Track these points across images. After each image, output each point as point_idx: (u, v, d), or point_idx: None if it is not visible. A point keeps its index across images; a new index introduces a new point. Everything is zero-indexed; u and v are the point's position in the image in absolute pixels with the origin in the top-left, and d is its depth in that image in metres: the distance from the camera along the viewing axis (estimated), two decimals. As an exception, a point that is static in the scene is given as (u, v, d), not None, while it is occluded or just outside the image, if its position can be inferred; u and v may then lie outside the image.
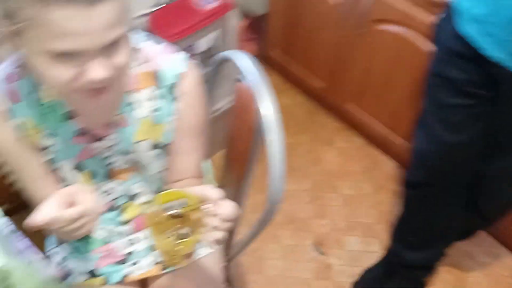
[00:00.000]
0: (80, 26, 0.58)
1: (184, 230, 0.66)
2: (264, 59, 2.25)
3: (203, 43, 1.67)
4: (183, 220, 0.66)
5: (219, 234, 0.67)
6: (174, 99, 0.83)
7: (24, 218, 0.79)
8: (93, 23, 0.58)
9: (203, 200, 0.66)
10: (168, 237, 0.65)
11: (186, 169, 0.93)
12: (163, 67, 0.81)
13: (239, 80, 0.88)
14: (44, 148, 0.81)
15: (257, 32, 2.21)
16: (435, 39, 1.11)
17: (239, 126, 0.91)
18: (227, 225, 0.67)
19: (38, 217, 0.64)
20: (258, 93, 0.80)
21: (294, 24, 1.90)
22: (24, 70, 0.75)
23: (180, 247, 0.66)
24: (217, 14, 1.60)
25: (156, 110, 0.83)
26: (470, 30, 0.96)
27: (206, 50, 1.70)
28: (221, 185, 1.16)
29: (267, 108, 0.78)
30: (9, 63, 0.76)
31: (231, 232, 1.09)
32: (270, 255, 1.64)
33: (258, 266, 1.61)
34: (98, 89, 0.67)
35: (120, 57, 0.66)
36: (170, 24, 1.51)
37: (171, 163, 0.92)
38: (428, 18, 1.38)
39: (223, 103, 1.57)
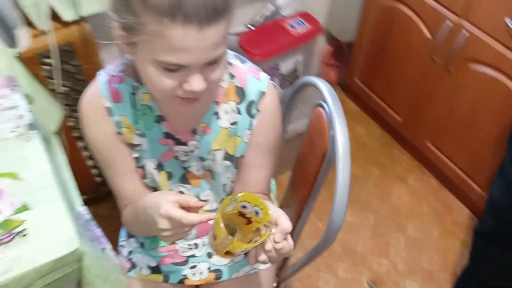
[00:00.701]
0: (192, 44, 0.63)
1: (241, 232, 0.68)
2: (344, 86, 2.25)
3: (288, 64, 1.71)
4: (247, 224, 0.69)
5: (264, 257, 0.69)
6: (252, 115, 0.86)
7: (100, 209, 0.86)
8: (203, 43, 0.64)
9: (272, 222, 0.69)
10: (226, 227, 0.67)
11: (254, 184, 0.95)
12: (247, 84, 0.85)
13: (318, 106, 0.90)
14: (134, 146, 0.88)
15: (340, 59, 2.22)
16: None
17: (310, 150, 0.92)
18: (276, 256, 0.69)
19: (172, 211, 0.69)
20: (335, 121, 0.80)
21: (379, 54, 1.88)
22: (126, 74, 0.83)
23: (229, 242, 0.68)
24: (307, 37, 1.64)
25: (234, 123, 0.87)
26: None
27: (290, 72, 1.74)
28: (282, 205, 1.17)
29: (341, 137, 0.78)
30: (114, 66, 0.84)
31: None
32: (323, 285, 1.61)
33: (309, 292, 1.60)
34: (192, 98, 0.73)
35: (217, 73, 0.71)
36: (260, 43, 1.57)
37: (240, 176, 0.95)
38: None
39: (298, 125, 1.59)
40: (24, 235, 0.78)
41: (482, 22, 1.42)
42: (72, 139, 1.48)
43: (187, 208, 0.72)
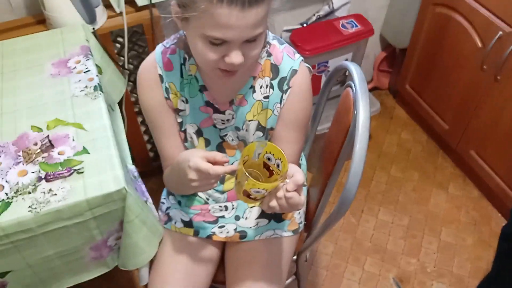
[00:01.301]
0: (235, 22, 0.74)
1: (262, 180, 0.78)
2: (395, 93, 2.28)
3: (337, 62, 1.79)
4: (268, 177, 0.79)
5: (274, 203, 0.77)
6: (283, 90, 0.96)
7: (150, 182, 1.00)
8: (245, 22, 0.75)
9: (290, 175, 0.77)
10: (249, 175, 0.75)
11: (290, 156, 1.02)
12: (281, 62, 0.95)
13: (348, 86, 0.98)
14: (179, 111, 1.01)
15: (393, 66, 2.25)
16: None
17: (336, 127, 1.00)
18: (285, 204, 0.77)
19: (200, 164, 0.80)
20: (359, 99, 0.88)
21: (431, 61, 1.90)
22: (178, 46, 0.96)
23: (245, 178, 0.76)
24: (357, 37, 1.71)
25: (267, 97, 0.97)
26: None
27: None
28: (311, 185, 1.25)
29: (363, 113, 0.86)
30: (168, 40, 0.98)
31: (309, 224, 1.18)
32: (350, 276, 1.66)
33: (334, 282, 1.64)
34: (230, 71, 0.84)
35: (254, 51, 0.82)
36: (310, 40, 1.67)
37: None
38: None
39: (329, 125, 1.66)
40: (80, 173, 0.93)
41: (534, 32, 1.43)
42: (132, 113, 1.65)
43: (214, 163, 0.82)
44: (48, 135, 1.00)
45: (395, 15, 2.02)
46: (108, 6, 1.37)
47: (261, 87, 0.96)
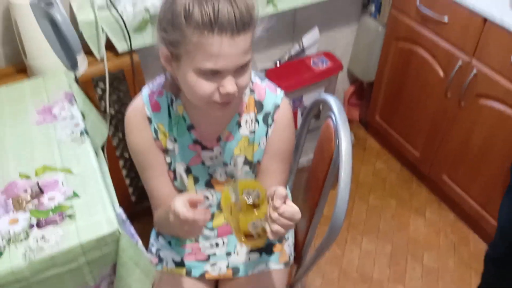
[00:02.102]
0: (227, 50, 0.78)
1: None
2: (366, 124, 2.37)
3: (311, 97, 1.87)
4: (252, 208, 0.81)
5: (276, 227, 0.78)
6: (268, 124, 1.00)
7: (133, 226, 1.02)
8: (235, 48, 0.79)
9: (271, 195, 0.79)
10: (238, 215, 0.78)
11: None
12: (265, 98, 1.00)
13: (327, 117, 1.03)
14: (168, 151, 1.03)
15: (362, 98, 2.36)
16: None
17: (320, 156, 1.05)
18: (285, 222, 0.78)
19: (180, 210, 0.80)
20: (340, 129, 0.93)
21: (398, 92, 2.01)
22: (165, 89, 0.99)
23: (236, 220, 0.78)
24: (328, 73, 1.81)
25: (253, 131, 1.01)
26: None
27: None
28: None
29: (344, 142, 0.91)
30: (154, 82, 1.01)
31: (298, 256, 1.19)
32: (339, 306, 1.66)
33: (325, 314, 1.65)
34: (225, 103, 0.86)
35: (245, 78, 0.85)
36: (285, 77, 1.75)
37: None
38: (530, 98, 1.40)
39: (311, 156, 1.72)
40: (72, 217, 0.93)
41: (490, 61, 1.54)
42: (114, 157, 1.66)
43: (194, 204, 0.83)
44: (38, 182, 0.99)
45: (361, 51, 2.15)
46: (89, 52, 1.40)
47: (246, 122, 1.01)
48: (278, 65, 1.86)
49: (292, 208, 0.78)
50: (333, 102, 0.99)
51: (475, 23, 1.54)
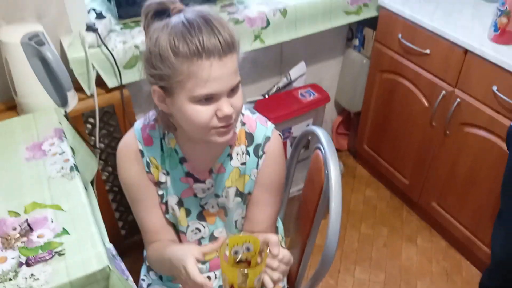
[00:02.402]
0: (217, 72, 0.79)
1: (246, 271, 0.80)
2: (355, 153, 2.40)
3: (300, 128, 1.89)
4: (247, 263, 0.81)
5: (277, 275, 0.80)
6: (259, 156, 1.01)
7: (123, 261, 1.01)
8: (226, 69, 0.81)
9: (264, 244, 0.81)
10: (234, 275, 0.78)
11: (261, 221, 1.07)
12: (255, 130, 1.01)
13: (317, 149, 1.05)
14: (160, 184, 1.03)
15: (350, 128, 2.40)
16: (507, 142, 1.18)
17: (310, 187, 1.06)
18: (284, 267, 0.79)
19: (197, 275, 0.82)
20: (328, 159, 0.94)
21: (384, 122, 2.05)
22: (157, 123, 1.00)
23: (244, 278, 0.79)
24: (316, 104, 1.84)
25: (244, 163, 1.02)
26: None
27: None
28: (289, 247, 1.28)
29: (333, 172, 0.92)
30: (147, 116, 1.02)
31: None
32: None
33: None
34: (224, 128, 0.87)
35: (238, 99, 0.87)
36: (273, 109, 1.77)
37: (249, 213, 1.08)
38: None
39: (301, 186, 1.73)
40: (62, 254, 0.92)
41: (473, 90, 1.59)
42: (103, 191, 1.65)
43: None
44: (27, 219, 0.99)
45: (347, 83, 2.20)
46: (79, 88, 1.42)
47: (237, 154, 1.02)
48: (266, 97, 1.89)
49: (287, 252, 0.81)
50: (322, 134, 1.01)
51: (456, 55, 1.60)
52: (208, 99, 0.82)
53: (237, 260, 0.84)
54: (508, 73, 1.44)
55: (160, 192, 1.04)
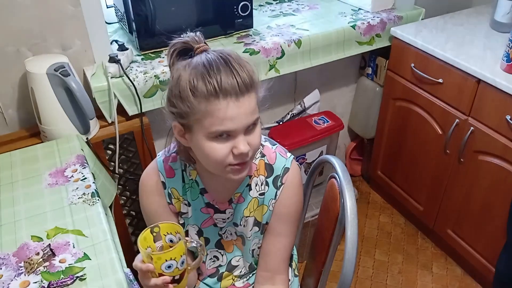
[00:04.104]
0: (234, 111, 0.82)
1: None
2: (368, 179, 2.40)
3: (313, 155, 1.92)
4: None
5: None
6: (277, 187, 1.03)
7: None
8: (243, 109, 0.83)
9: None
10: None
11: (275, 251, 1.08)
12: (275, 161, 1.04)
13: (331, 177, 1.07)
14: (182, 214, 1.06)
15: (364, 154, 2.41)
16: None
17: (325, 215, 1.07)
18: None
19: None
20: (344, 188, 0.96)
21: (398, 148, 2.06)
22: (178, 155, 1.03)
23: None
24: (329, 131, 1.86)
25: (262, 194, 1.04)
26: None
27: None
28: (304, 275, 1.28)
29: (349, 201, 0.94)
30: (168, 149, 1.05)
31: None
32: None
33: None
34: (241, 164, 0.89)
35: (256, 138, 0.90)
36: (287, 136, 1.80)
37: (264, 243, 1.09)
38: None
39: (316, 212, 1.74)
40: (83, 279, 0.94)
41: (486, 119, 1.60)
42: (121, 215, 1.68)
43: None
44: (49, 244, 1.02)
45: (360, 110, 2.22)
46: (100, 116, 1.47)
47: (256, 185, 1.04)
48: (281, 124, 1.92)
49: None
50: (337, 163, 1.04)
51: (469, 84, 1.62)
52: (225, 136, 0.85)
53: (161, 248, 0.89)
54: (522, 102, 1.45)
55: (181, 221, 1.07)
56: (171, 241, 0.89)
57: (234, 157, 0.87)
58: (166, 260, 0.84)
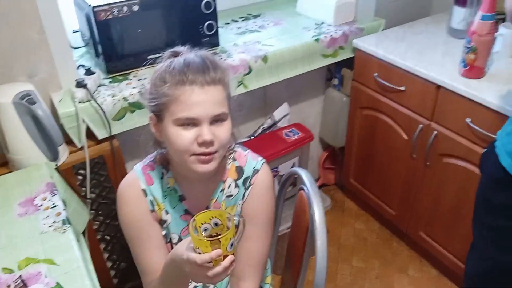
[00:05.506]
0: (199, 98, 0.89)
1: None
2: (342, 187, 2.45)
3: (286, 167, 1.94)
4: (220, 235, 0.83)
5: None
6: (246, 188, 1.06)
7: None
8: (206, 97, 0.90)
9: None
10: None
11: (248, 256, 1.07)
12: (246, 164, 1.07)
13: (301, 189, 1.10)
14: (163, 222, 1.07)
15: (336, 162, 2.46)
16: (481, 169, 1.24)
17: (297, 227, 1.10)
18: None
19: (194, 255, 0.82)
20: (312, 199, 0.99)
21: (368, 156, 2.11)
22: (156, 163, 1.06)
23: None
24: (300, 143, 1.90)
25: (230, 196, 1.07)
26: (505, 161, 1.10)
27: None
28: (281, 285, 1.30)
29: (317, 211, 0.97)
30: (147, 158, 1.09)
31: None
32: None
33: None
34: (205, 156, 0.92)
35: (223, 133, 0.94)
36: (259, 150, 1.82)
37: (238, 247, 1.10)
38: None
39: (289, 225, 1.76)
40: (57, 309, 0.94)
41: (448, 123, 1.67)
42: (95, 241, 1.66)
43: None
44: (21, 275, 1.00)
45: (329, 120, 2.27)
46: (69, 142, 1.46)
47: (228, 187, 1.07)
48: (252, 138, 1.95)
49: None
50: (304, 175, 1.06)
51: (430, 90, 1.68)
52: (190, 124, 0.91)
53: (208, 236, 0.87)
54: (479, 105, 1.52)
55: (164, 232, 1.08)
56: (215, 224, 0.88)
57: (198, 145, 0.91)
58: (230, 239, 0.83)
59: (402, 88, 1.78)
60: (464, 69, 1.60)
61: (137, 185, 1.05)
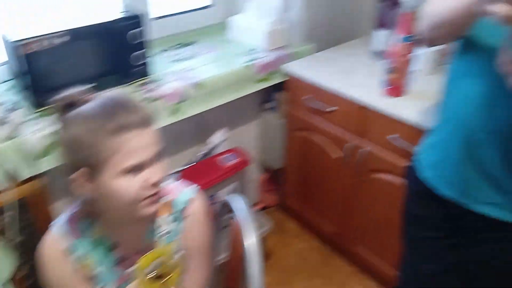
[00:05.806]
0: (141, 142, 0.86)
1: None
2: (283, 207, 2.48)
3: (225, 193, 1.94)
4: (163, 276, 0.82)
5: None
6: (180, 220, 1.04)
7: None
8: (148, 138, 0.87)
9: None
10: None
11: (189, 286, 1.07)
12: (177, 196, 1.05)
13: (232, 218, 1.10)
14: (93, 277, 1.01)
15: (276, 184, 2.49)
16: (405, 182, 1.32)
17: (232, 256, 1.10)
18: None
19: None
20: (243, 227, 1.00)
21: (305, 175, 2.17)
22: (80, 214, 0.99)
23: None
24: (237, 168, 1.91)
25: (168, 232, 1.04)
26: (427, 174, 1.17)
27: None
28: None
29: (250, 241, 0.97)
30: (71, 208, 1.01)
31: None
32: None
33: None
34: (155, 195, 0.90)
35: (163, 169, 0.91)
36: (196, 178, 1.82)
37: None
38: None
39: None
40: None
41: (374, 139, 1.75)
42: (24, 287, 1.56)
43: None
44: None
45: (267, 143, 2.32)
46: (-10, 183, 1.38)
47: (162, 225, 1.04)
48: (189, 167, 1.93)
49: None
50: (236, 203, 1.07)
51: (356, 110, 1.77)
52: (136, 170, 0.87)
53: (155, 277, 0.87)
54: (401, 122, 1.61)
55: (96, 285, 1.02)
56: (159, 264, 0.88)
57: (148, 189, 0.89)
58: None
59: (332, 108, 1.86)
60: (386, 88, 1.70)
61: (57, 247, 0.97)
